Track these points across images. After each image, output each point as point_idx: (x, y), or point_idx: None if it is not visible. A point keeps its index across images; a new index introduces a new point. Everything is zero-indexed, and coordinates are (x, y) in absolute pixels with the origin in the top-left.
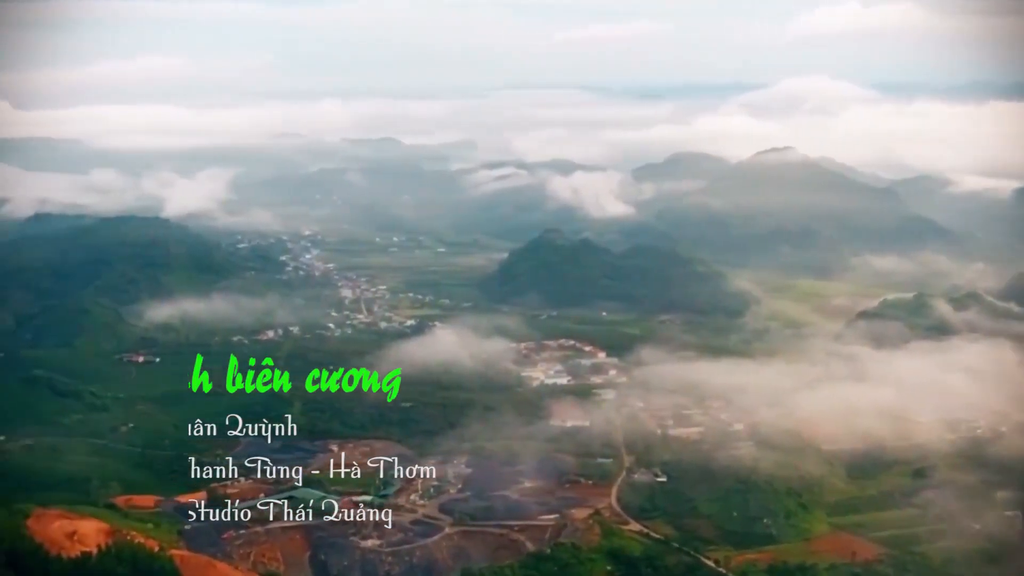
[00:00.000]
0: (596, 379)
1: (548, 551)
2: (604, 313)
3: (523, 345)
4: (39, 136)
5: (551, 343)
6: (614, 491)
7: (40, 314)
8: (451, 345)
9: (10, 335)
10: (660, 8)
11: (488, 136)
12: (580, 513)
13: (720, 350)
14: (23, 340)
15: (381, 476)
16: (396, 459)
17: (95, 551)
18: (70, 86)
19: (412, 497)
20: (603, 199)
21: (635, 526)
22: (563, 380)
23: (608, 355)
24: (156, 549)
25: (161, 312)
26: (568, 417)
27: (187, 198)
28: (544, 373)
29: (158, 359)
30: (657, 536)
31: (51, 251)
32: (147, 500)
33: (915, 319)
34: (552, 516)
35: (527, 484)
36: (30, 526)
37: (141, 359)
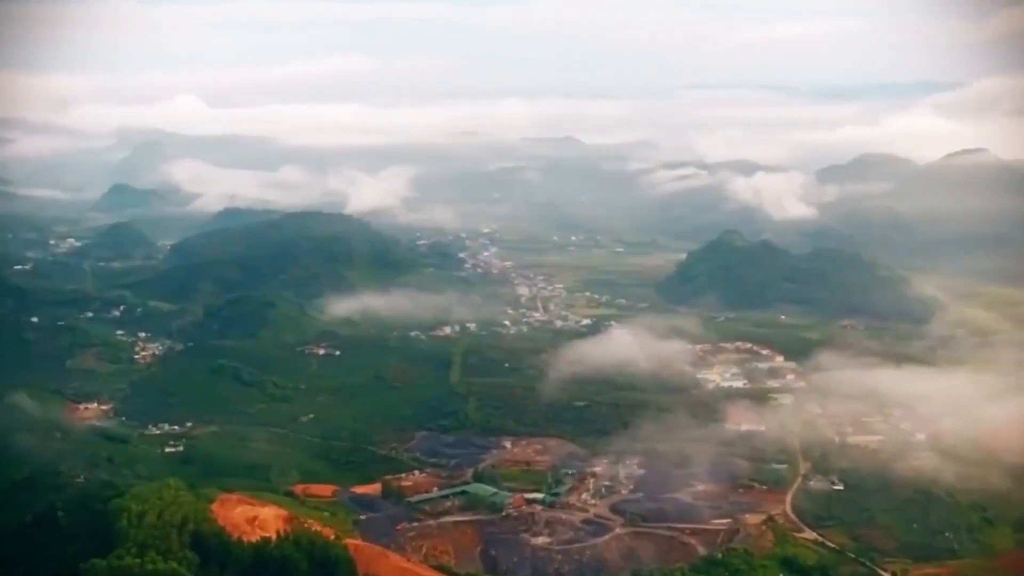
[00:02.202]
0: (773, 383)
1: (720, 556)
2: (783, 316)
3: (699, 347)
4: (231, 134)
5: (728, 345)
6: (789, 498)
7: (227, 306)
8: (626, 345)
9: (199, 326)
10: (851, 6)
11: (669, 136)
12: (753, 519)
13: (903, 357)
14: (211, 331)
15: (553, 474)
16: (568, 458)
17: (274, 537)
18: (262, 85)
19: (584, 496)
20: (785, 200)
21: (810, 534)
22: (739, 383)
23: (786, 359)
24: (332, 537)
25: (342, 306)
26: (743, 421)
27: (370, 195)
28: (720, 376)
29: (338, 352)
30: (832, 545)
31: (239, 245)
32: (324, 489)
33: None
34: (725, 520)
35: (700, 487)
36: (214, 510)
37: (322, 352)
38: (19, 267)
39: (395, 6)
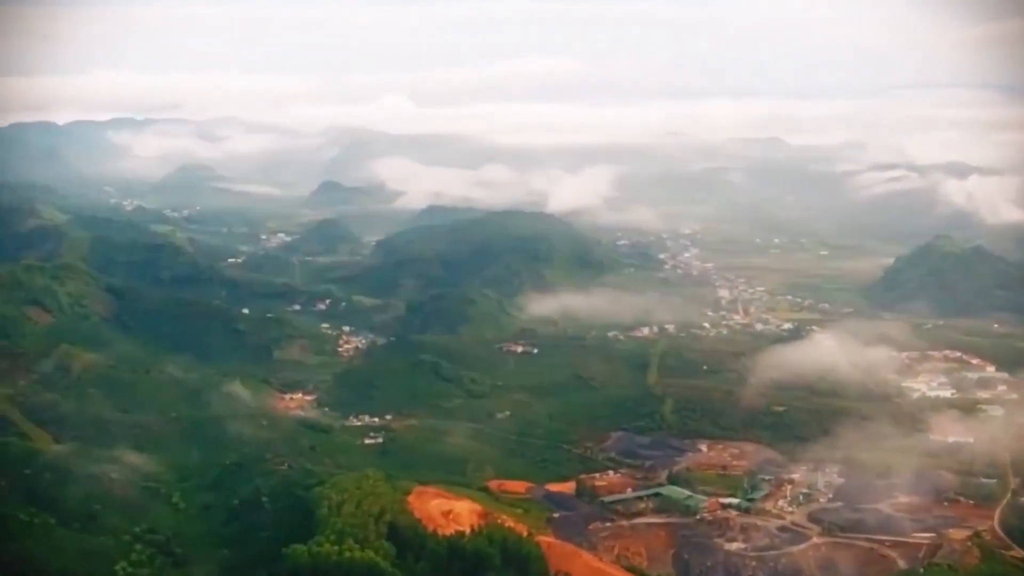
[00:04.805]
0: (983, 394)
1: (922, 571)
2: (996, 325)
3: (905, 354)
4: (436, 132)
5: (935, 354)
6: (997, 514)
7: (429, 302)
8: (829, 351)
9: (401, 320)
10: None
11: (879, 137)
12: (958, 534)
13: None
14: (412, 326)
15: (749, 479)
16: (766, 463)
17: (468, 531)
18: (468, 84)
19: (780, 503)
20: (999, 204)
21: (1019, 552)
22: (946, 393)
23: (998, 369)
24: (525, 534)
25: (541, 305)
26: (950, 432)
27: (571, 194)
28: (926, 384)
29: (535, 350)
30: None
31: (441, 242)
32: (518, 486)
33: None
34: (927, 534)
35: (902, 499)
36: (411, 502)
37: (520, 349)
38: (232, 260)
39: (603, 5)
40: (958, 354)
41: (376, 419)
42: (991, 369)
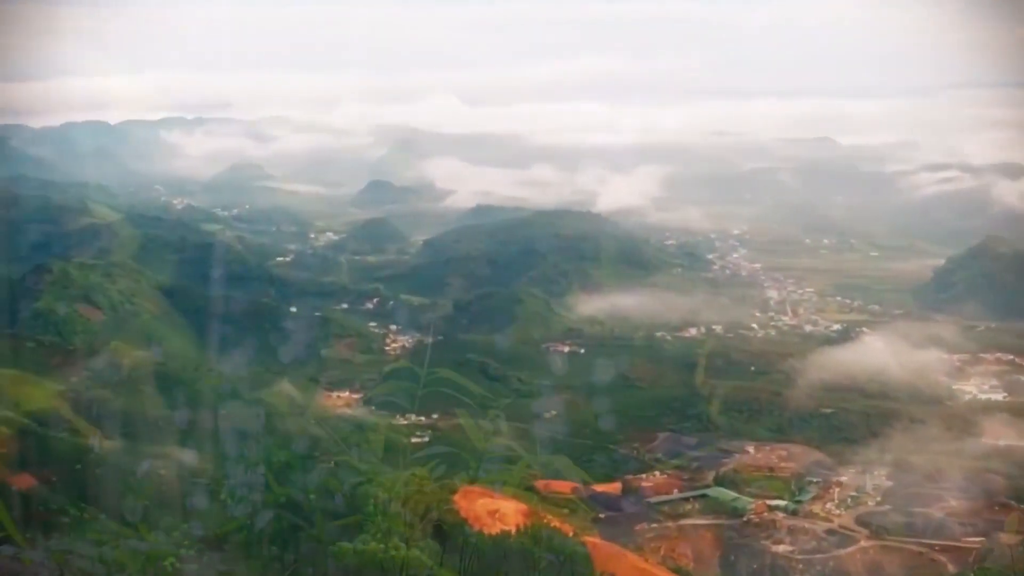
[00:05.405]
0: None
1: (971, 575)
2: None
3: (956, 357)
4: (485, 132)
5: (987, 356)
6: None
7: (476, 301)
8: (879, 352)
9: (448, 320)
10: None
11: (931, 137)
12: (1010, 539)
13: None
14: (459, 325)
15: (797, 481)
16: (814, 465)
17: (514, 530)
18: (517, 83)
19: (828, 506)
20: None
21: None
22: (998, 396)
23: None
24: (570, 534)
25: (589, 305)
26: (1002, 436)
27: (619, 194)
28: (978, 387)
29: (582, 350)
30: None
31: (489, 241)
32: (564, 486)
33: None
34: (978, 539)
35: (952, 502)
36: (457, 501)
37: (567, 349)
38: (280, 259)
39: (650, 5)
40: (1010, 357)
41: (423, 418)
42: None
